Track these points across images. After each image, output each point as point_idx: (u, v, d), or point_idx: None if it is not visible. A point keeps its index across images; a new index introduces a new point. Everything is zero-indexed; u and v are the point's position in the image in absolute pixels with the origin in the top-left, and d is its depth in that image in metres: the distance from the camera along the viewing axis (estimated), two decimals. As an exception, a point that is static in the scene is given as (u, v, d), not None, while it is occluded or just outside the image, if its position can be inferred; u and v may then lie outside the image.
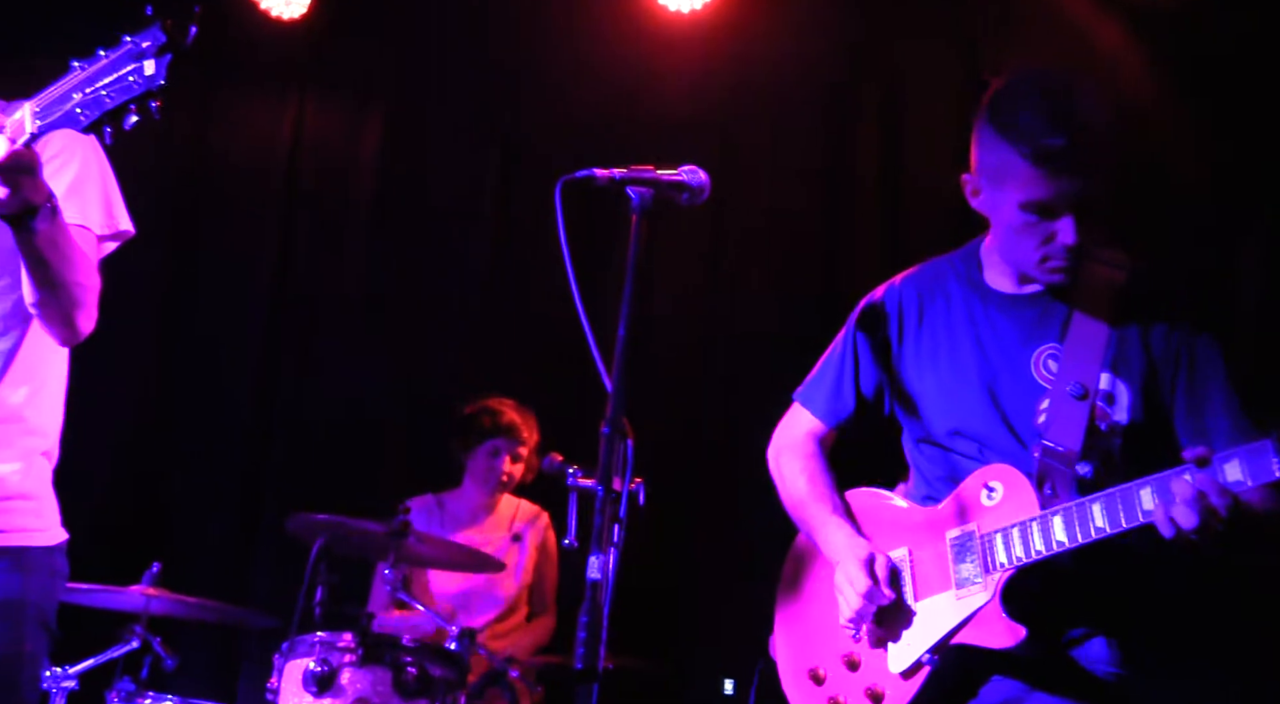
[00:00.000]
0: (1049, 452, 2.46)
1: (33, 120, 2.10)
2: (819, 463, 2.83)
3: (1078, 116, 2.38)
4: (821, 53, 5.49)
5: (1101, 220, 2.45)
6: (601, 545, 2.11)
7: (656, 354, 5.08)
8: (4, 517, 2.48)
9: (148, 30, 2.03)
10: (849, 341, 2.80)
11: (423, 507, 4.94)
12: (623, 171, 2.43)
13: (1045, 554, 2.38)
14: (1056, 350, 2.53)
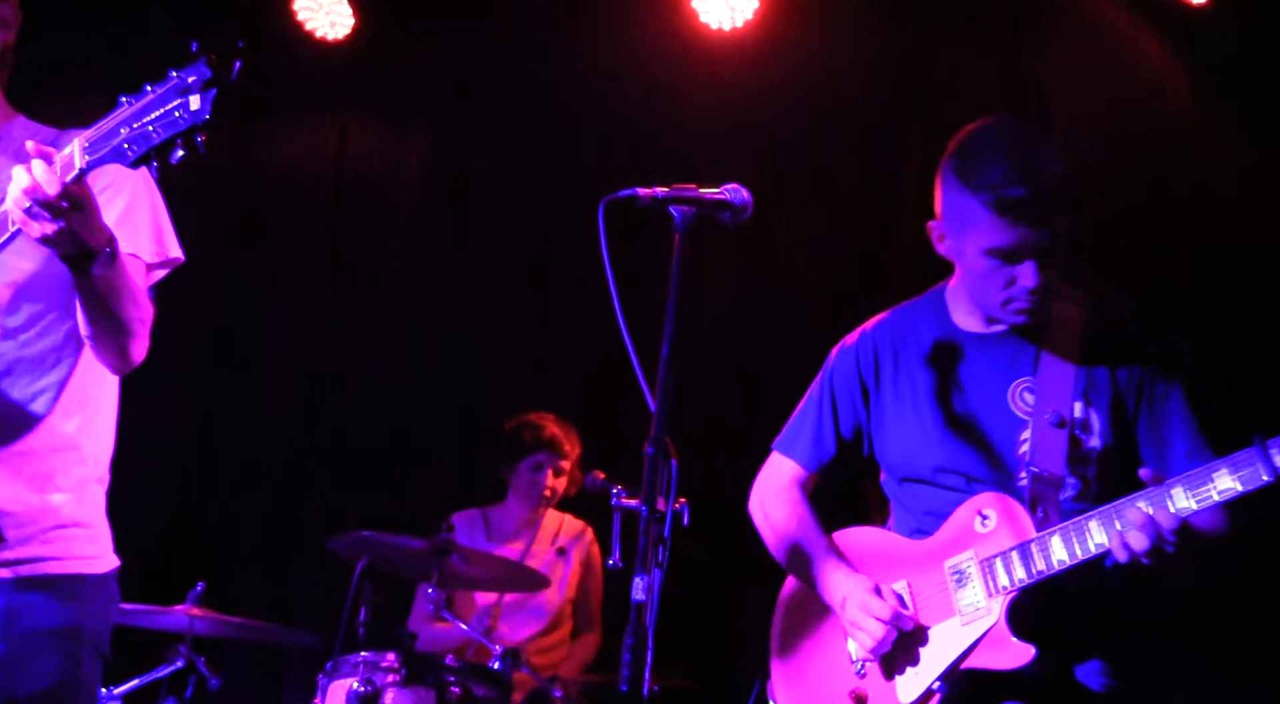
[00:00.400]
0: (1037, 478, 2.57)
1: (81, 156, 2.11)
2: (805, 507, 2.89)
3: (1037, 168, 2.50)
4: (863, 70, 5.47)
5: (1062, 262, 2.57)
6: (646, 566, 2.09)
7: (699, 372, 5.07)
8: (59, 544, 2.49)
9: (193, 65, 2.04)
10: (826, 387, 2.90)
11: (467, 521, 4.95)
12: (665, 190, 2.43)
13: (1047, 573, 2.46)
14: (1031, 383, 2.65)
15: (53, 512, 2.49)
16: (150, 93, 2.06)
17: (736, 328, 5.34)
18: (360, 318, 5.86)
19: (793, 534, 2.85)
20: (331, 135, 5.97)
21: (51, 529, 2.48)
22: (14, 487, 2.45)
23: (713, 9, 5.44)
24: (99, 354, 2.48)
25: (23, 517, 2.45)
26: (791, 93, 5.51)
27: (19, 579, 2.44)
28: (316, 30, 5.75)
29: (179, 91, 2.03)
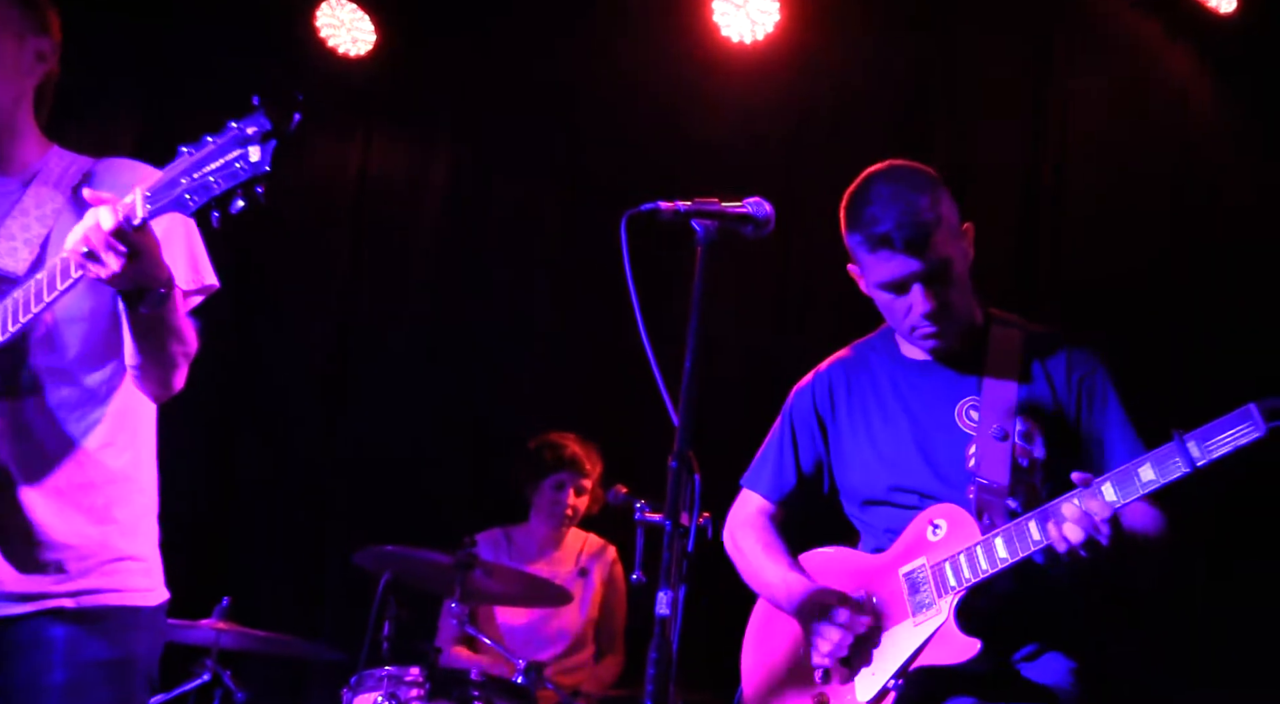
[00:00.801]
0: (984, 488, 2.74)
1: (143, 205, 2.15)
2: (771, 534, 3.07)
3: (903, 203, 2.72)
4: (885, 83, 5.46)
5: (961, 287, 2.79)
6: (670, 581, 2.09)
7: (722, 386, 5.06)
8: (118, 577, 2.53)
9: (253, 117, 2.07)
10: (786, 425, 3.09)
11: (490, 540, 4.95)
12: (687, 204, 2.44)
13: (991, 572, 2.65)
14: (976, 401, 2.84)
15: (110, 545, 2.53)
16: (210, 144, 2.10)
17: (758, 341, 5.33)
18: (383, 331, 5.88)
19: (759, 557, 3.03)
20: (354, 150, 6.00)
21: (110, 562, 2.52)
22: (75, 519, 2.49)
23: (734, 22, 5.45)
24: (142, 384, 2.52)
25: (83, 549, 2.49)
26: (812, 105, 5.51)
27: (81, 610, 2.47)
28: (339, 46, 5.79)
29: (238, 142, 2.07)
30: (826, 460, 3.04)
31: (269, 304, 5.92)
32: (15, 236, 2.50)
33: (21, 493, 2.45)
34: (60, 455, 2.50)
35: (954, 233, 2.79)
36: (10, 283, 2.44)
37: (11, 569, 2.43)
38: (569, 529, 4.99)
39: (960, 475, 2.80)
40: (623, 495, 3.21)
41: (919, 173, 2.83)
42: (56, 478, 2.49)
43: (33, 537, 2.45)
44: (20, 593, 2.44)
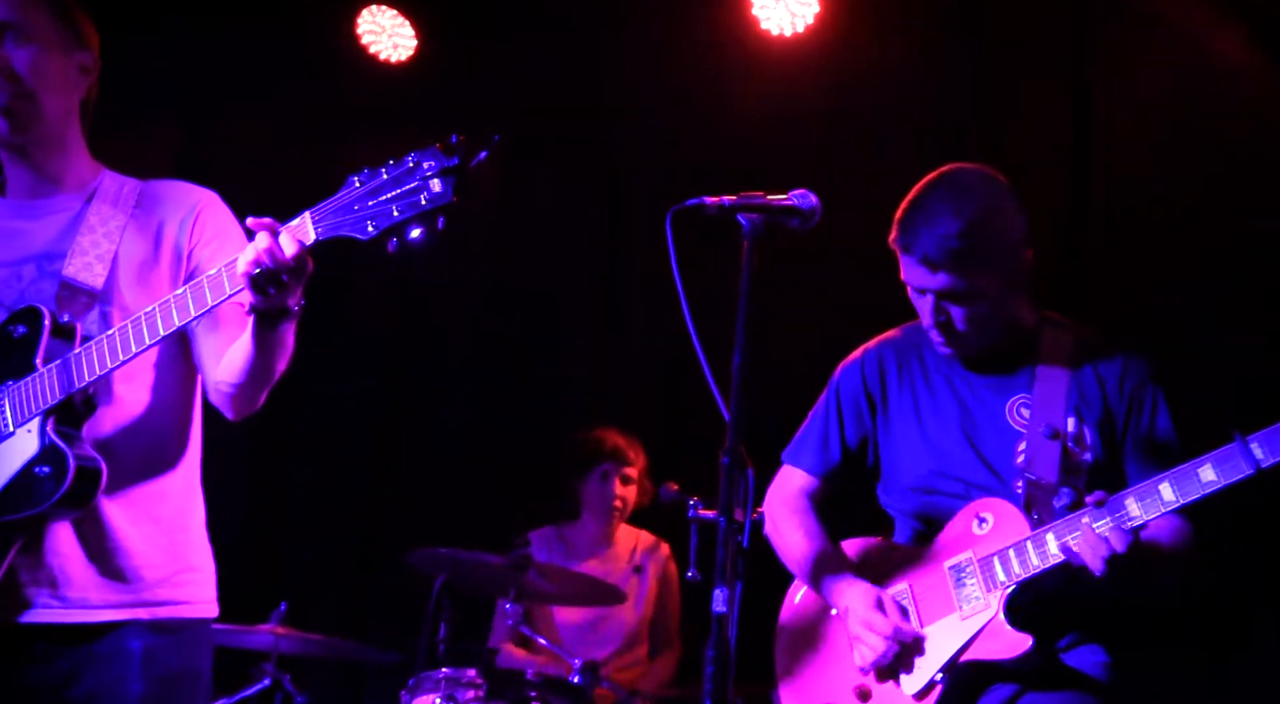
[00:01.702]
0: (1033, 484, 2.75)
1: (315, 228, 2.22)
2: (812, 517, 3.04)
3: (937, 222, 2.73)
4: (926, 74, 5.39)
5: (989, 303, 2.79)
6: (726, 578, 2.08)
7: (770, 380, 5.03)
8: (187, 589, 2.59)
9: (429, 151, 2.14)
10: (832, 400, 3.07)
11: (543, 539, 4.97)
12: (732, 198, 2.44)
13: (1042, 568, 2.65)
14: (1027, 399, 2.86)
15: (181, 555, 2.59)
16: (384, 175, 2.16)
17: (804, 334, 5.29)
18: (433, 332, 5.91)
19: (801, 542, 2.99)
20: (397, 155, 6.01)
21: (181, 573, 2.58)
22: (147, 529, 2.55)
23: (773, 15, 5.42)
24: (233, 401, 2.58)
25: (156, 559, 2.55)
26: (853, 97, 5.46)
27: (155, 622, 2.53)
28: (380, 53, 5.81)
29: (418, 175, 2.13)
30: (873, 438, 3.03)
31: (318, 306, 5.93)
32: (88, 252, 2.55)
33: (102, 503, 2.49)
34: (137, 467, 2.55)
35: (993, 255, 2.76)
36: (89, 296, 2.51)
37: (94, 576, 2.48)
38: (620, 525, 4.99)
39: (1009, 470, 2.81)
40: (674, 493, 3.21)
41: (979, 190, 2.80)
42: (131, 489, 2.54)
43: (112, 546, 2.50)
44: (100, 602, 2.49)
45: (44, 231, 2.59)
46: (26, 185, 2.64)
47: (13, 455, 2.43)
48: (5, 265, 2.58)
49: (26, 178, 2.63)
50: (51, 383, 2.42)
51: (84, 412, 2.46)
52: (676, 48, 5.61)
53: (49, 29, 2.56)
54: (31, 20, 2.54)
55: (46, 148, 2.60)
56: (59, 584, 2.47)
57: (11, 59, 2.51)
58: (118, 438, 2.52)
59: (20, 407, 2.45)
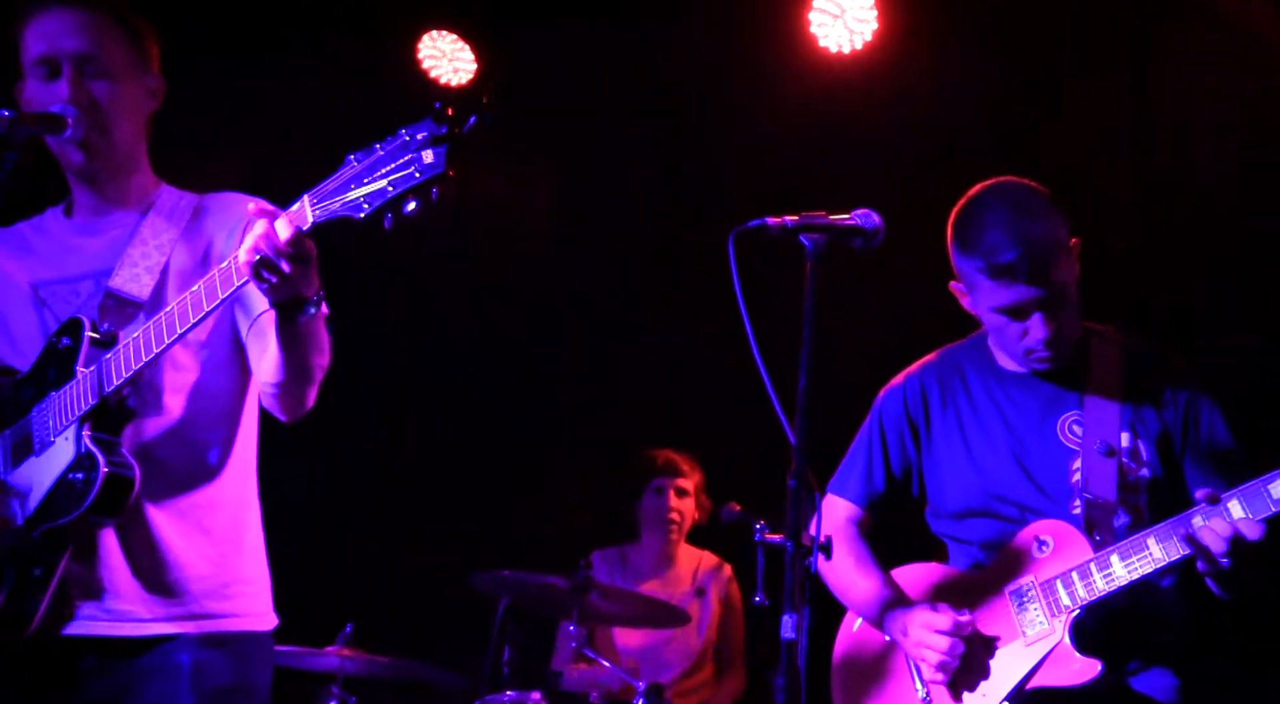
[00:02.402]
0: (1091, 504, 2.69)
1: (312, 210, 2.17)
2: (863, 547, 2.99)
3: (1023, 231, 2.67)
4: (986, 90, 5.34)
5: (1073, 307, 2.76)
6: (794, 603, 2.06)
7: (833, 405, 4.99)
8: (237, 601, 2.57)
9: (423, 122, 2.07)
10: (875, 428, 3.02)
11: (605, 559, 4.96)
12: (795, 219, 2.41)
13: (1108, 591, 2.59)
14: (1079, 416, 2.79)
15: (230, 567, 2.57)
16: (379, 150, 2.10)
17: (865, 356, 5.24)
18: (488, 356, 5.92)
19: (851, 572, 2.94)
20: (456, 179, 6.05)
21: (230, 584, 2.57)
22: (195, 540, 2.54)
23: (831, 32, 5.40)
24: (280, 401, 2.55)
25: (204, 571, 2.54)
26: (913, 114, 5.43)
27: (203, 635, 2.51)
28: (441, 77, 5.86)
29: (411, 147, 2.06)
30: (918, 465, 2.98)
31: (380, 328, 6.00)
32: (137, 264, 2.57)
33: (148, 513, 2.49)
34: (183, 476, 2.55)
35: (1067, 254, 2.75)
36: (135, 307, 2.52)
37: (142, 589, 2.48)
38: (681, 545, 4.97)
39: (1064, 490, 2.75)
40: (736, 513, 3.19)
41: (1034, 194, 2.78)
42: (180, 499, 2.54)
43: (158, 557, 2.50)
44: (148, 615, 2.48)
45: (100, 247, 2.63)
46: (91, 205, 2.68)
47: (53, 463, 2.45)
48: (64, 282, 2.62)
49: (91, 198, 2.68)
50: (86, 389, 2.43)
51: (120, 416, 2.46)
52: (735, 67, 5.61)
53: (124, 57, 2.60)
54: (109, 51, 2.57)
55: (114, 171, 2.64)
56: (107, 597, 2.47)
57: (92, 91, 2.55)
58: (166, 448, 2.53)
59: (60, 414, 2.47)
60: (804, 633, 2.04)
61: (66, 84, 2.52)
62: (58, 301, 2.61)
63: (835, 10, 5.36)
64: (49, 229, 2.72)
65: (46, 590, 2.42)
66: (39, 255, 2.67)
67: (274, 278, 2.21)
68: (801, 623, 2.05)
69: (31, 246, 2.70)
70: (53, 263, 2.65)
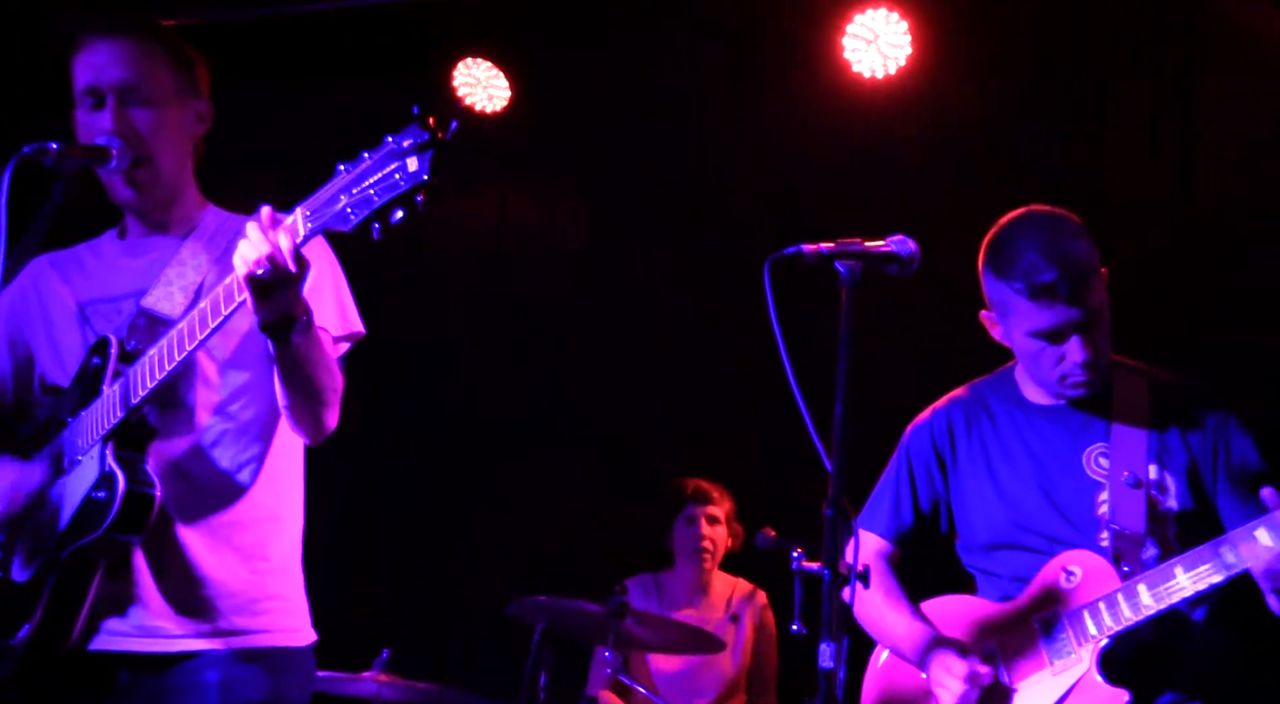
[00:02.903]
0: (1119, 535, 2.68)
1: (304, 223, 2.18)
2: (890, 579, 2.98)
3: (1062, 252, 2.68)
4: (1022, 114, 5.32)
5: (1107, 334, 2.74)
6: (832, 632, 2.05)
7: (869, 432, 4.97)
8: (268, 617, 2.58)
9: (407, 129, 2.07)
10: (903, 462, 3.02)
11: (640, 586, 4.96)
12: (830, 246, 2.42)
13: (1135, 621, 2.58)
14: (1105, 448, 2.78)
15: (261, 583, 2.58)
16: (367, 159, 2.10)
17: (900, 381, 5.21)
18: (522, 382, 5.94)
19: (879, 604, 2.93)
20: (490, 204, 6.10)
21: (261, 601, 2.57)
22: (225, 557, 2.55)
23: (865, 58, 5.40)
24: (295, 424, 2.55)
25: (234, 587, 2.54)
26: (947, 138, 5.42)
27: (233, 651, 2.52)
28: (475, 104, 5.90)
29: (396, 155, 2.06)
30: (945, 499, 2.98)
31: (410, 354, 6.03)
32: (172, 283, 2.61)
33: (178, 530, 2.51)
34: (213, 494, 2.56)
35: (1100, 281, 2.75)
36: (166, 324, 2.53)
37: (168, 607, 2.49)
38: (715, 572, 4.97)
39: (1091, 522, 2.75)
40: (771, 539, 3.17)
41: (1066, 219, 2.78)
42: (210, 516, 2.54)
43: (188, 574, 2.51)
44: (178, 632, 2.49)
45: (142, 267, 2.67)
46: (139, 228, 2.73)
47: (80, 482, 2.47)
48: (108, 301, 2.66)
49: (139, 222, 2.73)
50: (110, 407, 2.45)
51: (142, 434, 2.47)
52: (768, 93, 5.62)
53: (169, 84, 2.63)
54: (153, 79, 2.60)
55: (159, 197, 2.68)
56: (139, 613, 2.48)
57: (135, 121, 2.58)
58: (196, 465, 2.54)
59: (87, 433, 2.49)
60: (842, 662, 2.03)
61: (109, 115, 2.56)
62: (100, 319, 2.66)
63: (868, 35, 5.35)
64: (103, 250, 2.77)
65: (81, 607, 2.45)
66: (89, 276, 2.73)
67: (267, 290, 2.22)
68: (840, 652, 2.05)
69: (85, 267, 2.75)
70: (100, 283, 2.70)
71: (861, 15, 5.30)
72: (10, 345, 2.76)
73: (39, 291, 2.75)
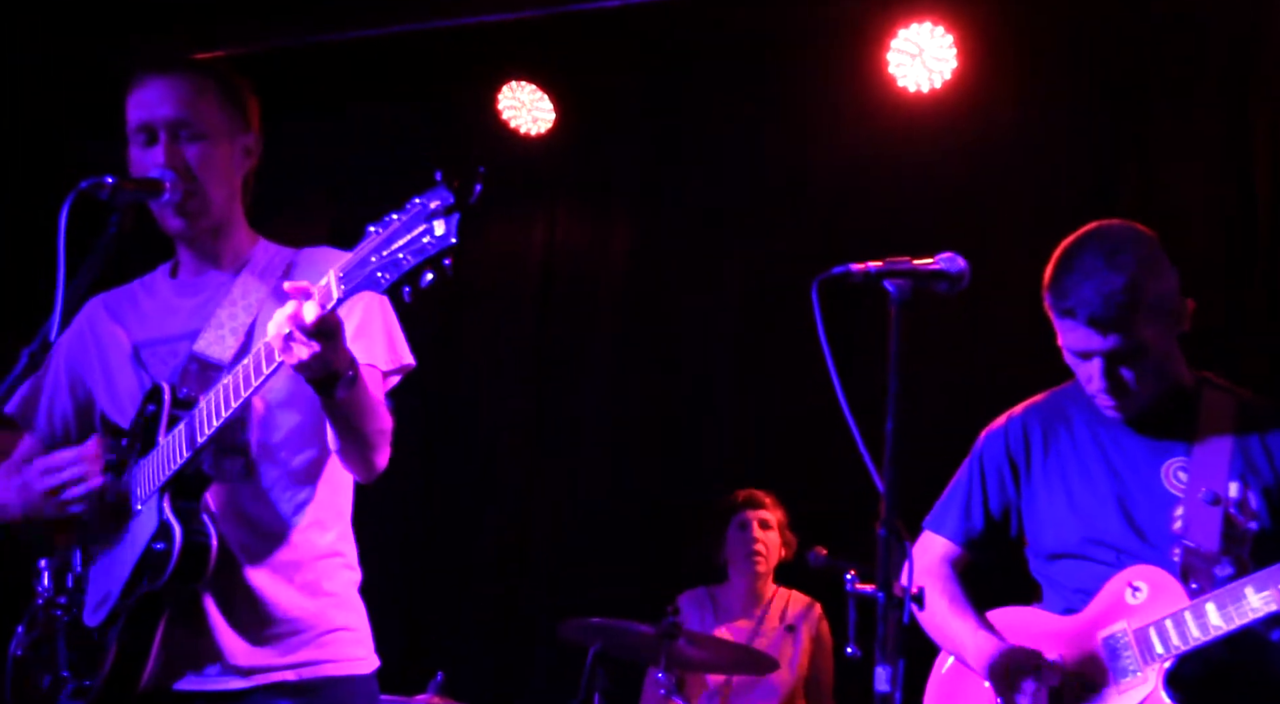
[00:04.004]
0: (1190, 552, 2.62)
1: (338, 285, 2.19)
2: (955, 584, 2.95)
3: (1103, 277, 2.63)
4: (1071, 127, 5.26)
5: (1155, 364, 2.69)
6: (888, 656, 2.03)
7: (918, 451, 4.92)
8: (333, 648, 2.63)
9: (434, 191, 2.09)
10: (975, 466, 2.99)
11: (694, 600, 4.95)
12: (878, 265, 2.39)
13: (1203, 640, 2.52)
14: (1185, 463, 2.73)
15: (326, 616, 2.63)
16: (396, 221, 2.12)
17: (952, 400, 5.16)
18: (573, 404, 5.95)
19: (943, 610, 2.90)
20: (538, 227, 6.13)
21: (326, 633, 2.62)
22: (289, 594, 2.60)
23: (910, 72, 5.38)
24: (347, 466, 2.61)
25: (300, 622, 2.60)
26: (995, 152, 5.37)
27: (301, 682, 2.57)
28: (520, 127, 5.94)
29: (423, 217, 2.08)
30: (1016, 506, 2.94)
31: (464, 379, 6.06)
32: (223, 325, 2.64)
33: (243, 571, 2.57)
34: (273, 535, 2.61)
35: (1155, 311, 2.67)
36: (217, 370, 2.58)
37: (242, 643, 2.55)
38: (769, 581, 4.95)
39: (1164, 536, 2.70)
40: (823, 558, 3.15)
41: (1131, 244, 2.71)
42: (271, 556, 2.60)
43: (256, 612, 2.56)
44: (248, 666, 2.55)
45: (195, 308, 2.71)
46: (192, 265, 2.77)
47: (141, 532, 2.53)
48: (163, 342, 2.71)
49: (192, 258, 2.76)
50: (165, 458, 2.50)
51: (197, 483, 2.52)
52: (812, 109, 5.61)
53: (219, 119, 2.68)
54: (203, 114, 2.65)
55: (211, 231, 2.72)
56: (207, 652, 2.54)
57: (186, 156, 2.63)
58: (254, 507, 2.59)
59: (144, 483, 2.55)
60: (898, 686, 2.01)
61: (162, 150, 2.61)
62: (155, 362, 2.70)
63: (913, 50, 5.33)
64: (156, 289, 2.81)
65: (150, 649, 2.51)
66: (143, 315, 2.77)
67: (303, 353, 2.25)
68: (896, 675, 2.02)
69: (139, 306, 2.80)
70: (153, 324, 2.75)
71: (906, 30, 5.29)
72: (71, 388, 2.83)
73: (95, 333, 2.80)
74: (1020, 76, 5.31)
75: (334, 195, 6.19)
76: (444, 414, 6.02)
